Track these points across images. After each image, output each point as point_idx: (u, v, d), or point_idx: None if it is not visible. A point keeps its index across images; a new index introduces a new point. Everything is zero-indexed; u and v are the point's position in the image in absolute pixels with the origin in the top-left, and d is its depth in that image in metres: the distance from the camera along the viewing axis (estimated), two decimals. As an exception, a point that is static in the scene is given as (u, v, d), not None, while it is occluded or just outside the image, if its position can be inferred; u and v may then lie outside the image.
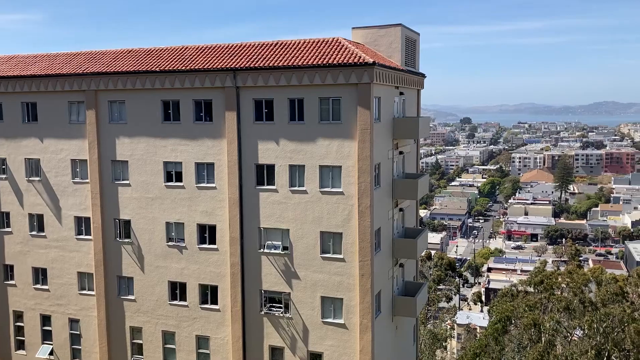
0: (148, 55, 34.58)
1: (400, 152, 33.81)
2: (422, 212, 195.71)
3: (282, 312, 31.27)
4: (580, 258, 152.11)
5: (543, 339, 53.07)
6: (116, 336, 35.51)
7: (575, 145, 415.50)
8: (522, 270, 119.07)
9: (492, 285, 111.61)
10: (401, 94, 33.60)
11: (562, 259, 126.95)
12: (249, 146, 30.86)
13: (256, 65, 29.96)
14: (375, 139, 28.90)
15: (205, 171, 32.22)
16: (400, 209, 34.42)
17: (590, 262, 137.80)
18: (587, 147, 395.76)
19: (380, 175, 30.56)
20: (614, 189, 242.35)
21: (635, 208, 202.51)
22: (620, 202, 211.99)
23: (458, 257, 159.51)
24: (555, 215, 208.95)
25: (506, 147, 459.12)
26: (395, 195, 32.90)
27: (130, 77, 32.75)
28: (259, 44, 32.63)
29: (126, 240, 34.43)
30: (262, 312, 31.65)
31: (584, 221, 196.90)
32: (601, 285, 64.08)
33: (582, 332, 55.60)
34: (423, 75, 38.22)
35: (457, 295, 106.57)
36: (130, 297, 34.85)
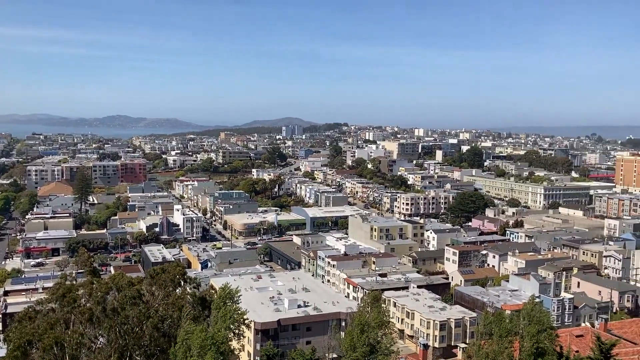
0: None
1: None
2: None
3: None
4: (107, 266, 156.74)
5: (67, 355, 52.41)
6: None
7: (93, 156, 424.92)
8: (43, 288, 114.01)
9: (10, 310, 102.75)
10: None
11: (80, 271, 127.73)
12: None
13: None
14: None
15: None
16: None
17: (112, 269, 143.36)
18: (104, 158, 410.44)
19: None
20: (130, 197, 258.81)
21: (149, 214, 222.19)
22: (136, 210, 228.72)
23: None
24: (77, 227, 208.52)
25: (20, 159, 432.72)
26: None
27: None
28: None
29: None
30: None
31: (104, 230, 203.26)
32: (121, 291, 67.43)
33: (105, 338, 57.53)
34: None
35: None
36: None
